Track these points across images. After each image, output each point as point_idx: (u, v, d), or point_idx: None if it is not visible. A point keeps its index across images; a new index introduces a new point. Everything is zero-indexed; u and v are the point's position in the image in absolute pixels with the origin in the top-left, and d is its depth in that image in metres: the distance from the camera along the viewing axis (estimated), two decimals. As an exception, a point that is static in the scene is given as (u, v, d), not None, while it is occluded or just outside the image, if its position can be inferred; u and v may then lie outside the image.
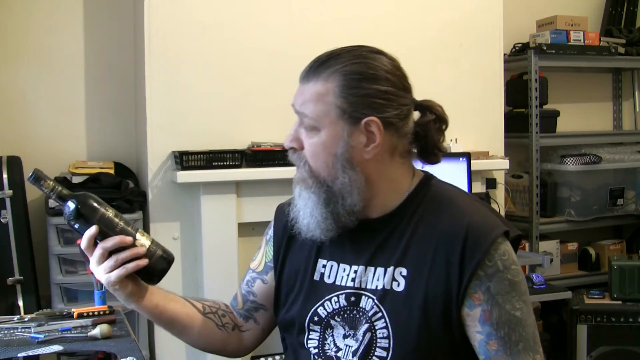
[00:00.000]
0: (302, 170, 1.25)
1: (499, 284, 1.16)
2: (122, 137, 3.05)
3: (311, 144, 1.22)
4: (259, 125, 2.84)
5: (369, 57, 1.24)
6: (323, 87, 1.21)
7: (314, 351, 1.25)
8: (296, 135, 1.25)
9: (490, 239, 1.17)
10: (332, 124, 1.20)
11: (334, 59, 1.23)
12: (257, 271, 1.41)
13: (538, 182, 3.44)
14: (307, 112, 1.22)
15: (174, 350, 2.72)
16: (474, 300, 1.16)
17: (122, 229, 1.24)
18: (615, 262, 3.16)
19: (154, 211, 2.74)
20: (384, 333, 1.19)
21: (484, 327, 1.16)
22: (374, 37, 3.02)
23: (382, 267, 1.22)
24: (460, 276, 1.16)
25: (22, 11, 2.94)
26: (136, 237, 1.25)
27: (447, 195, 1.27)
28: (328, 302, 1.26)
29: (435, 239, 1.20)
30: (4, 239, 2.60)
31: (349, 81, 1.20)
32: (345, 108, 1.19)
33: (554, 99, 3.60)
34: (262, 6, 2.85)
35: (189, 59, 2.76)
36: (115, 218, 1.24)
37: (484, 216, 1.22)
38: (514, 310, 1.16)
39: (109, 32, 3.04)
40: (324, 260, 1.29)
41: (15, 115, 2.94)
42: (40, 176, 1.24)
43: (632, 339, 3.03)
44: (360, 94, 1.19)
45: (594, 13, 3.90)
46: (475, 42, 3.15)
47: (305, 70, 1.25)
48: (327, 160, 1.21)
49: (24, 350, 1.49)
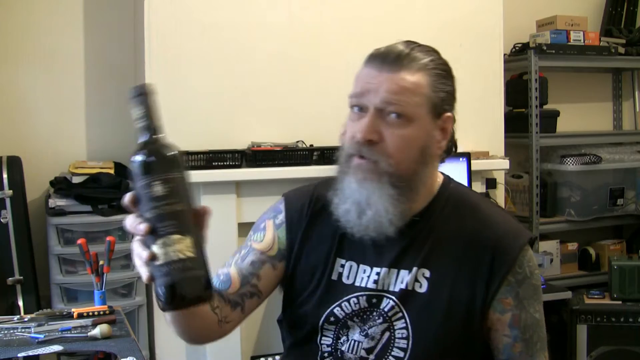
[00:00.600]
0: (382, 164, 1.16)
1: (527, 289, 1.20)
2: (122, 137, 3.05)
3: (399, 136, 1.16)
4: (259, 125, 2.84)
5: (440, 54, 1.25)
6: (418, 79, 1.18)
7: (327, 349, 1.24)
8: (376, 126, 1.17)
9: (518, 247, 1.20)
10: (424, 116, 1.18)
11: (417, 52, 1.20)
12: (268, 254, 1.30)
13: (538, 182, 3.44)
14: (403, 102, 1.16)
15: (174, 350, 2.72)
16: (504, 305, 1.19)
17: (159, 215, 0.92)
18: (615, 262, 3.16)
19: (154, 211, 2.73)
20: (403, 333, 1.19)
21: (512, 331, 1.19)
22: (374, 37, 3.02)
23: (406, 269, 1.22)
24: (488, 282, 1.18)
25: (22, 11, 2.94)
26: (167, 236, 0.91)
27: (470, 199, 1.28)
28: (346, 302, 1.24)
29: (461, 244, 1.21)
30: (4, 239, 2.60)
31: (437, 76, 1.20)
32: (436, 102, 1.19)
33: (554, 99, 3.59)
34: (262, 6, 2.85)
35: (189, 59, 2.76)
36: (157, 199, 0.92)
37: (510, 223, 1.25)
38: (535, 312, 1.21)
39: (109, 32, 3.04)
40: (342, 260, 1.26)
41: (15, 115, 2.94)
42: (147, 93, 0.99)
43: (632, 339, 3.03)
44: (445, 90, 1.21)
45: (594, 13, 3.89)
46: (475, 42, 3.15)
47: (390, 60, 1.18)
48: (412, 153, 1.18)
49: (24, 350, 1.49)
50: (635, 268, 3.11)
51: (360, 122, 1.17)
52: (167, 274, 0.90)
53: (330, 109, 2.92)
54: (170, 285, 0.91)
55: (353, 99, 1.21)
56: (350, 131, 1.20)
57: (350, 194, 1.19)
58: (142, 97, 0.98)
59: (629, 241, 3.83)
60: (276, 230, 1.32)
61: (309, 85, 2.90)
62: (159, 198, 0.92)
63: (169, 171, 0.94)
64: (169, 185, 0.93)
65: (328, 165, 2.77)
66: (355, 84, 1.22)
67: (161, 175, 0.93)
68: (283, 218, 1.32)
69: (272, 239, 1.31)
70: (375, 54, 1.22)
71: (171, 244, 0.91)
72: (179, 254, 0.91)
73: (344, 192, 1.20)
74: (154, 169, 0.94)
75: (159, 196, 0.92)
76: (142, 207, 0.94)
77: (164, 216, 0.92)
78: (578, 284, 3.53)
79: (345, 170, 1.21)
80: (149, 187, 0.93)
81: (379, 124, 1.16)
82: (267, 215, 1.35)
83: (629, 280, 3.11)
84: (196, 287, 0.92)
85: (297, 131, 2.87)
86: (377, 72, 1.18)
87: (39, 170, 2.87)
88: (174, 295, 0.91)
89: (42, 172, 2.86)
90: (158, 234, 0.92)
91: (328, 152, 2.80)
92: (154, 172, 0.94)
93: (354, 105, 1.21)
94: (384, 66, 1.18)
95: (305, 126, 2.89)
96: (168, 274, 0.90)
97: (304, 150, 2.80)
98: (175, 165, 0.95)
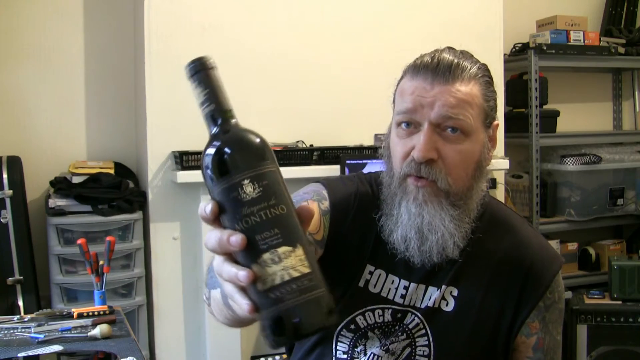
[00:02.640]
0: (441, 183, 1.09)
1: (553, 314, 1.20)
2: (122, 137, 3.05)
3: (457, 151, 1.09)
4: (259, 125, 2.81)
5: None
6: (471, 89, 1.11)
7: (342, 356, 1.19)
8: (434, 143, 1.08)
9: (552, 274, 1.19)
10: (479, 128, 1.12)
11: (464, 61, 1.12)
12: (315, 237, 1.15)
13: (538, 182, 3.44)
14: (462, 115, 1.09)
15: (174, 350, 2.72)
16: (531, 329, 1.18)
17: (256, 224, 0.71)
18: (615, 262, 3.16)
19: (154, 211, 2.74)
20: (424, 351, 1.17)
21: (535, 354, 1.19)
22: (374, 37, 3.04)
23: (435, 286, 1.18)
24: (518, 305, 1.17)
25: (22, 11, 2.94)
26: (270, 250, 0.70)
27: (505, 218, 1.24)
28: (370, 313, 1.18)
29: (493, 265, 1.19)
30: (4, 239, 2.59)
31: (486, 84, 1.15)
32: (488, 112, 1.14)
33: (554, 99, 3.59)
34: (262, 6, 2.85)
35: (189, 59, 2.75)
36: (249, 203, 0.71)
37: (544, 248, 1.23)
38: (557, 335, 1.21)
39: (109, 32, 3.04)
40: (371, 267, 1.19)
41: (15, 115, 2.94)
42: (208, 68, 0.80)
43: (632, 339, 3.03)
44: (494, 98, 1.17)
45: (594, 13, 3.90)
46: (475, 42, 3.14)
47: (442, 71, 1.10)
48: (469, 168, 1.11)
49: (24, 350, 1.49)
50: (635, 268, 3.11)
51: (413, 139, 1.10)
52: (279, 300, 0.69)
53: (330, 109, 2.94)
54: (286, 314, 0.70)
55: (403, 115, 1.11)
56: (401, 150, 1.12)
57: (408, 220, 1.11)
58: (202, 74, 0.80)
59: (629, 241, 3.83)
60: (323, 215, 1.18)
61: (308, 85, 2.90)
62: (252, 202, 0.71)
63: (259, 164, 0.73)
64: (262, 183, 0.72)
65: (328, 165, 2.77)
66: (403, 98, 1.12)
67: (250, 171, 0.72)
68: (328, 206, 1.19)
69: (319, 223, 1.17)
70: (422, 64, 1.12)
71: (279, 259, 0.70)
72: (292, 272, 0.70)
73: (401, 217, 1.12)
74: (239, 164, 0.72)
75: (252, 199, 0.71)
76: (227, 217, 0.72)
77: (263, 224, 0.71)
78: (578, 284, 3.53)
79: (399, 192, 1.13)
80: (236, 188, 0.71)
81: (436, 141, 1.09)
82: (308, 195, 1.20)
83: (629, 280, 3.11)
84: (319, 312, 0.71)
85: (297, 131, 2.87)
86: (429, 85, 1.09)
87: (39, 170, 2.87)
88: (292, 325, 0.70)
89: (42, 172, 2.86)
90: (259, 248, 0.70)
91: (328, 152, 2.80)
92: (240, 168, 0.72)
93: (404, 121, 1.12)
94: (436, 78, 1.09)
95: (305, 126, 2.89)
96: (281, 299, 0.69)
97: (304, 150, 2.80)
98: (265, 156, 0.74)
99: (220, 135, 0.75)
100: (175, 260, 2.76)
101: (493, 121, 1.17)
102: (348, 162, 2.73)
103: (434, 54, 1.13)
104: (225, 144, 0.74)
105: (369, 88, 2.75)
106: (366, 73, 2.91)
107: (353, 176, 1.28)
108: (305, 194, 1.22)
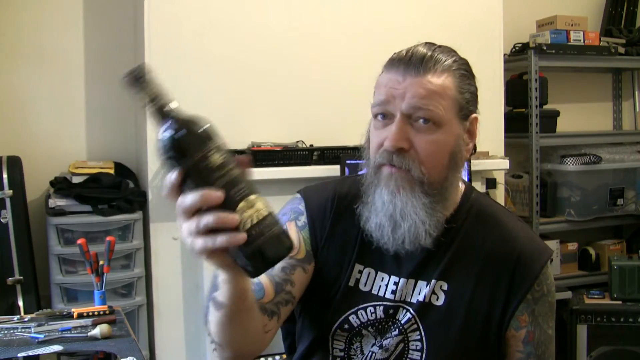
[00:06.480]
0: (414, 172, 1.12)
1: (543, 307, 1.21)
2: (122, 137, 3.05)
3: (429, 142, 1.12)
4: (259, 125, 2.84)
5: (460, 55, 1.21)
6: (444, 81, 1.13)
7: (339, 354, 1.21)
8: (405, 133, 1.12)
9: (540, 265, 1.20)
10: (452, 120, 1.14)
11: (439, 54, 1.15)
12: (297, 258, 1.22)
13: (538, 182, 3.44)
14: (432, 106, 1.11)
15: (174, 350, 2.72)
16: (520, 322, 1.19)
17: (229, 182, 0.89)
18: (615, 262, 3.16)
19: (154, 211, 2.74)
20: (417, 345, 1.18)
21: (526, 347, 1.19)
22: (374, 37, 3.04)
23: (425, 280, 1.19)
24: (507, 298, 1.18)
25: (22, 11, 2.94)
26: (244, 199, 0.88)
27: (492, 212, 1.25)
28: (362, 311, 1.20)
29: (482, 258, 1.19)
30: (4, 239, 2.60)
31: (461, 77, 1.16)
32: (463, 104, 1.16)
33: (554, 99, 3.59)
34: (262, 6, 2.85)
35: (189, 59, 2.76)
36: (219, 168, 0.89)
37: (532, 240, 1.23)
38: (548, 329, 1.22)
39: (109, 32, 3.04)
40: (360, 266, 1.22)
41: (15, 115, 2.94)
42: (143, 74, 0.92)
43: (632, 339, 3.03)
44: (471, 91, 1.18)
45: (594, 13, 3.89)
46: (475, 42, 3.15)
47: (414, 63, 1.13)
48: (443, 159, 1.14)
49: (24, 350, 1.49)
50: (635, 268, 3.11)
51: (387, 130, 1.13)
52: (260, 233, 0.88)
53: (330, 109, 2.94)
54: (265, 244, 0.88)
55: (377, 107, 1.15)
56: (376, 140, 1.15)
57: (382, 207, 1.14)
58: (142, 80, 0.92)
59: (629, 241, 3.83)
60: (300, 231, 1.25)
61: (309, 85, 2.90)
62: (221, 166, 0.88)
63: (216, 138, 0.90)
64: (223, 151, 0.90)
65: (328, 165, 2.77)
66: (378, 91, 1.16)
67: (212, 143, 0.89)
68: (305, 219, 1.25)
69: (298, 242, 1.23)
70: (396, 58, 1.16)
71: (252, 205, 0.88)
72: (262, 212, 0.88)
73: (375, 205, 1.15)
74: (204, 139, 0.89)
75: (220, 164, 0.88)
76: (200, 183, 0.88)
77: (233, 181, 0.88)
78: (578, 284, 3.53)
79: (374, 181, 1.16)
80: (206, 158, 0.88)
81: (408, 131, 1.12)
82: (286, 217, 1.27)
83: (629, 280, 3.11)
84: (286, 239, 0.90)
85: (297, 131, 2.87)
86: (401, 77, 1.13)
87: (39, 170, 2.87)
88: (269, 253, 0.89)
89: (42, 172, 2.86)
90: (235, 200, 0.88)
91: (328, 152, 2.80)
92: (205, 142, 0.89)
93: (378, 113, 1.15)
94: (408, 70, 1.13)
95: (305, 126, 2.89)
96: (261, 233, 0.88)
97: (304, 150, 2.80)
98: (216, 133, 0.91)
99: (181, 121, 0.89)
100: (175, 260, 2.76)
101: (470, 114, 1.18)
102: (348, 162, 2.73)
103: (410, 48, 1.17)
104: (187, 126, 0.89)
105: (369, 88, 2.74)
106: (366, 73, 2.90)
107: (334, 180, 1.32)
108: (284, 215, 1.27)
